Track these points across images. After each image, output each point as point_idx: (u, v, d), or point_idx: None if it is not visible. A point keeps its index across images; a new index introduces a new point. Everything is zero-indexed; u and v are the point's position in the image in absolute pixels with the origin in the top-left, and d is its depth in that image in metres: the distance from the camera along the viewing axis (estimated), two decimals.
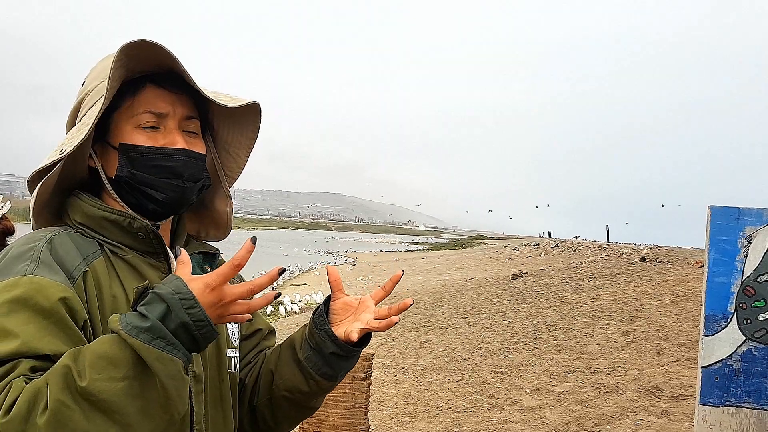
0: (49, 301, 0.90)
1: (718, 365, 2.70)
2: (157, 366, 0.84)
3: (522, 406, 5.72)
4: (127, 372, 0.84)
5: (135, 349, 0.84)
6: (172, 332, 0.86)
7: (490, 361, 7.52)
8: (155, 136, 1.08)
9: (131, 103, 1.07)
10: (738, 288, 2.70)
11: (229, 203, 1.25)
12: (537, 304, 11.17)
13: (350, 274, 30.61)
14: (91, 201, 1.08)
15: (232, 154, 1.24)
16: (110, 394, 0.82)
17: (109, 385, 0.82)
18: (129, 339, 0.84)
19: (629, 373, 6.13)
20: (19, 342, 0.86)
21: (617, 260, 17.61)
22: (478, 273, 23.13)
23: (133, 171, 1.06)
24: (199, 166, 1.11)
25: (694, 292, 9.28)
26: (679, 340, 6.93)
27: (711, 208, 2.76)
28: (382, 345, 9.32)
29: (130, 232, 1.07)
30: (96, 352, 0.85)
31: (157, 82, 1.08)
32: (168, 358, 0.85)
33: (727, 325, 2.69)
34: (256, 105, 1.15)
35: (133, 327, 0.85)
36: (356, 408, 3.37)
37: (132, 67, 1.04)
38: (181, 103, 1.10)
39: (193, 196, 1.12)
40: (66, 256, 0.99)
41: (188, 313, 0.87)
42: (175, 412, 0.88)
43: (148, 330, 0.85)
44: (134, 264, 1.06)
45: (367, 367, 3.41)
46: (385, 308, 1.12)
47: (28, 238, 1.01)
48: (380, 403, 6.27)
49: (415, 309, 12.89)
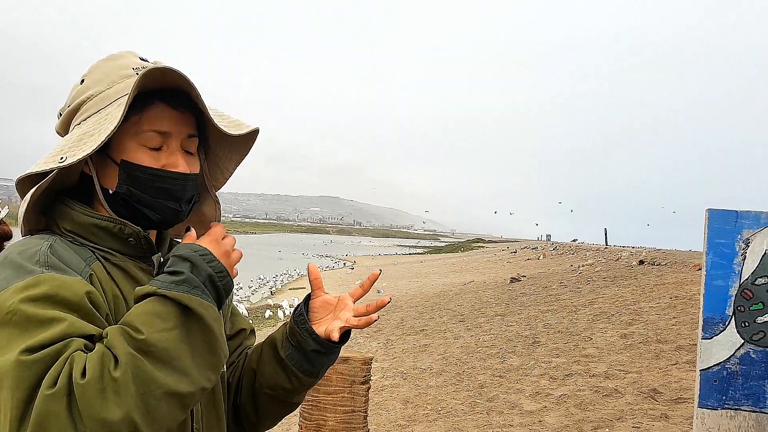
0: (76, 295, 0.91)
1: (717, 368, 2.70)
2: (202, 311, 0.93)
3: (521, 409, 5.72)
4: (176, 322, 0.91)
5: (178, 301, 0.92)
6: (203, 284, 0.96)
7: (488, 364, 7.52)
8: (158, 156, 1.08)
9: (138, 120, 1.06)
10: (736, 291, 2.71)
11: (216, 206, 1.27)
12: (535, 307, 11.18)
13: (348, 277, 30.60)
14: (81, 208, 1.07)
15: (221, 167, 1.25)
16: (167, 343, 0.89)
17: (164, 335, 0.89)
18: (170, 293, 0.92)
19: (628, 377, 6.13)
20: (67, 323, 0.87)
21: (615, 263, 17.63)
22: (477, 276, 23.13)
23: (133, 189, 1.06)
24: (195, 188, 1.13)
25: (693, 295, 9.30)
26: (678, 343, 6.94)
27: (709, 212, 2.77)
28: (380, 349, 9.31)
29: (121, 238, 1.07)
30: (142, 312, 0.91)
31: (165, 99, 1.08)
32: (208, 303, 0.95)
33: (725, 328, 2.70)
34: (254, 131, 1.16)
35: (170, 282, 0.94)
36: (355, 412, 3.37)
37: (143, 84, 1.04)
38: (185, 123, 1.10)
39: (185, 215, 1.14)
40: (69, 260, 0.99)
41: (210, 266, 0.98)
42: (222, 353, 0.96)
43: (185, 282, 0.94)
44: (126, 268, 1.07)
45: (366, 371, 3.41)
46: (363, 306, 1.16)
47: (26, 244, 1.00)
48: (379, 407, 6.26)
49: (413, 313, 12.89)
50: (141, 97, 1.05)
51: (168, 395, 0.87)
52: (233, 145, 1.21)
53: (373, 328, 11.35)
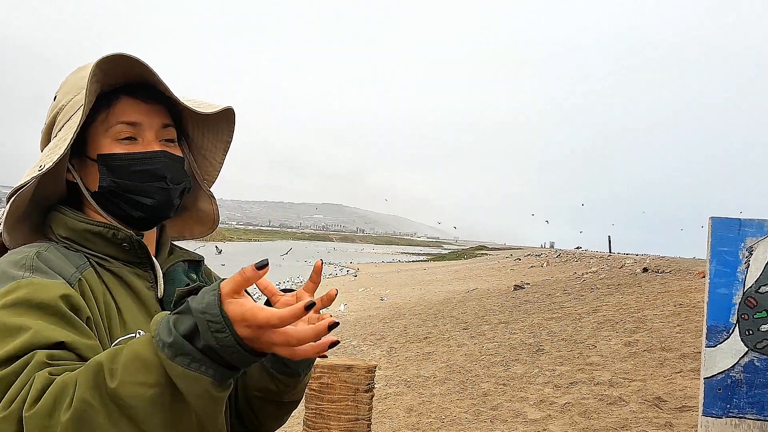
0: (51, 297, 0.91)
1: (721, 376, 2.70)
2: (180, 383, 0.77)
3: (525, 418, 5.70)
4: (159, 379, 0.78)
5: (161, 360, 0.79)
6: (201, 350, 0.77)
7: (492, 372, 7.50)
8: (133, 147, 1.08)
9: (105, 116, 1.08)
10: (740, 299, 2.71)
11: (212, 201, 1.28)
12: (539, 315, 11.15)
13: (352, 285, 30.56)
14: (74, 214, 1.08)
15: (209, 158, 1.26)
16: (138, 401, 0.77)
17: (139, 390, 0.77)
18: (157, 351, 0.78)
19: (632, 385, 6.11)
20: (32, 332, 0.85)
21: (619, 271, 17.58)
22: (480, 284, 23.09)
23: (116, 180, 1.07)
24: (179, 169, 1.12)
25: (697, 303, 9.26)
26: (682, 351, 6.91)
27: (712, 219, 2.77)
28: (384, 357, 9.29)
29: (115, 243, 1.07)
30: (132, 353, 0.79)
31: (131, 93, 1.09)
32: (192, 376, 0.77)
33: (729, 336, 2.70)
34: (229, 110, 1.17)
35: (159, 339, 0.79)
36: (359, 421, 3.37)
37: (105, 81, 1.05)
38: (156, 113, 1.10)
39: (176, 200, 1.13)
40: (59, 266, 0.99)
41: (215, 336, 0.76)
42: (213, 427, 0.82)
43: (171, 346, 0.77)
44: (121, 275, 1.07)
45: (370, 380, 3.41)
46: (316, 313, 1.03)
47: (14, 253, 1.01)
48: (383, 416, 6.24)
49: (417, 320, 12.87)
50: (107, 95, 1.07)
51: None
52: (215, 132, 1.22)
53: (376, 335, 11.33)
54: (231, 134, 1.23)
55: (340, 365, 3.03)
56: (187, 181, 1.15)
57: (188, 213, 1.29)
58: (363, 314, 15.96)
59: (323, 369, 3.00)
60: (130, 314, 1.05)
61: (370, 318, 14.68)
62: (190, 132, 1.24)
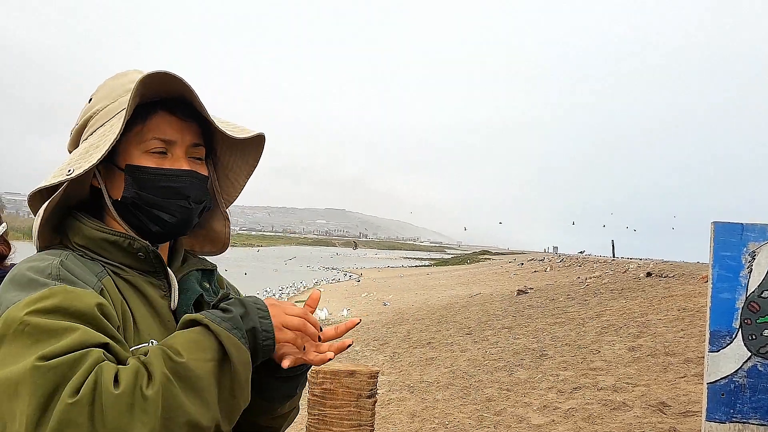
0: (87, 305, 0.92)
1: (724, 381, 2.69)
2: (234, 352, 0.93)
3: (529, 423, 5.69)
4: (214, 355, 0.93)
5: (218, 336, 0.94)
6: (247, 331, 0.96)
7: (496, 377, 7.48)
8: (162, 161, 1.09)
9: (141, 129, 1.09)
10: (742, 304, 2.70)
11: (226, 224, 1.28)
12: (543, 320, 11.13)
13: (355, 290, 30.55)
14: (91, 223, 1.09)
15: (231, 179, 1.26)
16: (202, 372, 0.90)
17: (201, 364, 0.91)
18: (213, 325, 0.94)
19: (636, 390, 6.09)
20: (81, 331, 0.87)
21: (623, 275, 17.54)
22: (483, 288, 23.05)
23: (140, 192, 1.08)
24: (202, 188, 1.13)
25: (701, 307, 9.23)
26: (686, 356, 6.89)
27: (714, 224, 2.77)
28: (387, 362, 9.28)
29: (131, 253, 1.08)
30: (186, 338, 0.93)
31: (168, 108, 1.10)
32: (243, 347, 0.95)
33: (732, 341, 2.69)
34: (260, 136, 1.17)
35: (217, 317, 0.96)
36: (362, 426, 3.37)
37: (144, 93, 1.06)
38: (189, 131, 1.12)
39: (196, 218, 1.14)
40: (81, 275, 1.00)
41: (260, 321, 0.98)
42: (242, 398, 0.96)
43: (231, 320, 0.96)
44: (136, 284, 1.08)
45: (373, 385, 3.41)
46: (332, 328, 1.08)
47: (37, 260, 1.01)
48: (386, 421, 6.23)
49: (420, 325, 12.85)
50: (144, 107, 1.08)
51: (188, 424, 0.87)
52: (242, 154, 1.23)
53: (379, 341, 11.32)
54: (258, 159, 1.23)
55: (342, 371, 3.04)
56: (208, 200, 1.16)
57: (202, 231, 1.28)
58: (366, 319, 15.95)
59: (326, 375, 3.01)
60: (144, 323, 1.05)
61: (373, 323, 14.67)
62: (218, 151, 1.24)
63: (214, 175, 1.24)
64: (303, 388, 1.17)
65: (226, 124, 1.13)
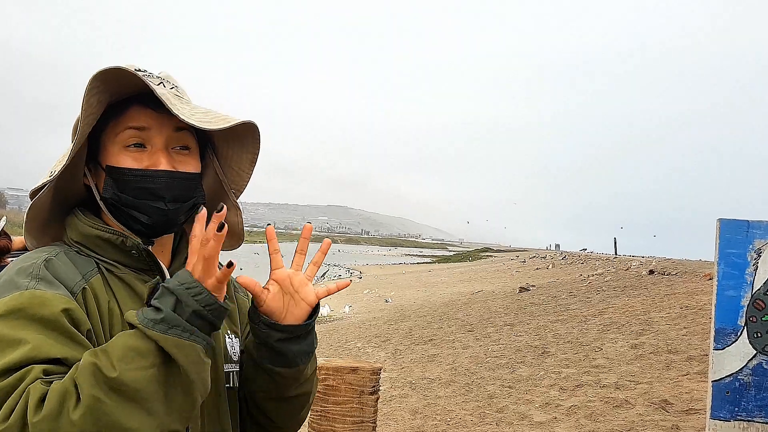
0: (52, 312, 0.91)
1: (729, 379, 2.68)
2: (176, 353, 0.89)
3: (531, 420, 5.68)
4: (153, 360, 0.88)
5: (155, 340, 0.88)
6: (187, 320, 0.91)
7: (498, 374, 7.47)
8: (141, 156, 1.07)
9: (115, 123, 1.08)
10: (748, 301, 2.69)
11: (238, 213, 1.26)
12: (545, 317, 11.12)
13: (357, 286, 30.54)
14: (86, 220, 1.09)
15: (236, 169, 1.23)
16: (140, 383, 0.86)
17: (139, 374, 0.86)
18: (147, 331, 0.89)
19: (639, 387, 6.08)
20: (30, 347, 0.87)
21: (625, 273, 17.52)
22: (485, 286, 23.05)
23: (118, 193, 1.07)
24: (185, 186, 1.10)
25: (703, 305, 9.22)
26: (689, 354, 6.88)
27: (720, 221, 2.75)
28: (389, 359, 9.28)
29: (124, 250, 1.08)
30: (122, 346, 0.88)
31: (143, 102, 1.08)
32: (186, 344, 0.90)
33: (737, 339, 2.68)
34: (247, 124, 1.13)
35: (149, 320, 0.90)
36: (364, 423, 3.36)
37: (116, 90, 1.04)
38: (168, 122, 1.08)
39: (181, 217, 1.11)
40: (65, 274, 1.00)
41: (196, 300, 0.92)
42: (198, 395, 0.93)
43: (163, 321, 0.89)
44: (128, 281, 1.07)
45: (375, 381, 3.40)
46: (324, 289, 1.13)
47: (25, 258, 1.02)
48: (388, 418, 6.23)
49: (422, 322, 12.85)
50: (120, 103, 1.08)
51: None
52: (239, 142, 1.20)
53: (380, 337, 11.32)
54: (257, 146, 1.20)
55: (345, 367, 3.03)
56: (198, 197, 1.12)
57: None
58: (368, 316, 15.96)
59: (328, 371, 3.00)
60: None
61: (375, 320, 14.68)
62: (215, 140, 1.21)
63: (217, 165, 1.22)
64: (317, 343, 1.17)
65: (206, 113, 1.09)
